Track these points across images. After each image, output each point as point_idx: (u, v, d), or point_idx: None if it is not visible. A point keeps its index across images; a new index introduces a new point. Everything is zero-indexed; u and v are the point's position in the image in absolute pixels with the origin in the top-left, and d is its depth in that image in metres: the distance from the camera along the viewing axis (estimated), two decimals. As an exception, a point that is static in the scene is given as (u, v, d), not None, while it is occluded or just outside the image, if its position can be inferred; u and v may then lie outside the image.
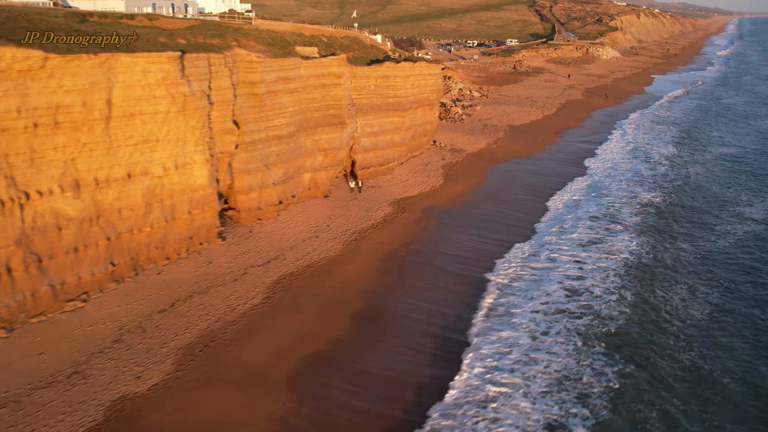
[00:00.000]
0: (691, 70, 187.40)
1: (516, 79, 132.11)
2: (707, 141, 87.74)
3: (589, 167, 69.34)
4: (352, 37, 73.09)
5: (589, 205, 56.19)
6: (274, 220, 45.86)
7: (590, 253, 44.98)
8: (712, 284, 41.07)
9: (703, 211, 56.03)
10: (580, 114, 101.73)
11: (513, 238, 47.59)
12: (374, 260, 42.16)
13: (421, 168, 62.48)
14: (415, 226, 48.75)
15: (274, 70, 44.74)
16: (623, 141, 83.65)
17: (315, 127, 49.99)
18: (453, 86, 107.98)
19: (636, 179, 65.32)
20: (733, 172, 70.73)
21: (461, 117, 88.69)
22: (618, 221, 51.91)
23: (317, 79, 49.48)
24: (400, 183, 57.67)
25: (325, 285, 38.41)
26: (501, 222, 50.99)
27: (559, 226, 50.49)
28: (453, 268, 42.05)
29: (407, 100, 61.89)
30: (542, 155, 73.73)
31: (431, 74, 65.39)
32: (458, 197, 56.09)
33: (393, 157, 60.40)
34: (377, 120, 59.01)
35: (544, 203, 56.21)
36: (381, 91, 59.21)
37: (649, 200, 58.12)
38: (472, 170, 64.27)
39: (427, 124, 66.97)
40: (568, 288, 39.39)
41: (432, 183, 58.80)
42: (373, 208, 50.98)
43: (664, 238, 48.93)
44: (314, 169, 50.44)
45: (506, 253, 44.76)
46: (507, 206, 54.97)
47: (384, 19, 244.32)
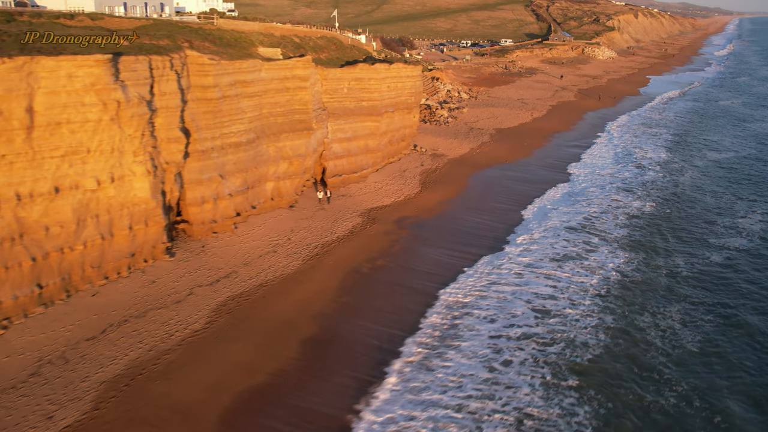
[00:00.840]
0: (689, 71, 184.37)
1: (508, 80, 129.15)
2: (701, 145, 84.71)
3: (574, 173, 66.25)
4: (329, 38, 70.15)
5: (569, 214, 52.95)
6: (231, 233, 42.88)
7: (566, 270, 41.79)
8: (704, 308, 37.66)
9: (695, 222, 52.82)
10: (571, 116, 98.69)
11: (485, 251, 44.64)
12: (334, 278, 39.16)
13: (397, 175, 59.46)
14: (385, 238, 45.75)
15: (230, 73, 41.75)
16: (613, 145, 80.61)
17: (279, 133, 47.00)
18: (441, 88, 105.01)
19: (624, 186, 62.27)
20: (727, 178, 67.66)
21: (446, 120, 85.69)
22: (600, 233, 48.79)
23: (280, 82, 46.49)
24: (374, 191, 54.66)
25: (277, 306, 35.41)
26: (477, 234, 47.95)
27: (533, 237, 47.36)
28: (419, 286, 39.05)
29: (383, 103, 58.88)
30: (528, 161, 70.70)
31: (409, 76, 62.39)
32: (434, 206, 53.06)
33: (367, 164, 57.40)
34: (350, 125, 56.01)
35: (521, 212, 53.19)
36: (354, 94, 56.21)
37: (638, 210, 54.97)
38: (452, 177, 61.24)
39: (406, 129, 63.97)
40: (538, 309, 36.25)
41: (407, 191, 55.79)
42: (340, 219, 47.98)
43: (652, 253, 45.62)
44: (278, 178, 47.44)
45: (470, 267, 41.76)
46: (486, 216, 51.92)
47: (378, 18, 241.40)
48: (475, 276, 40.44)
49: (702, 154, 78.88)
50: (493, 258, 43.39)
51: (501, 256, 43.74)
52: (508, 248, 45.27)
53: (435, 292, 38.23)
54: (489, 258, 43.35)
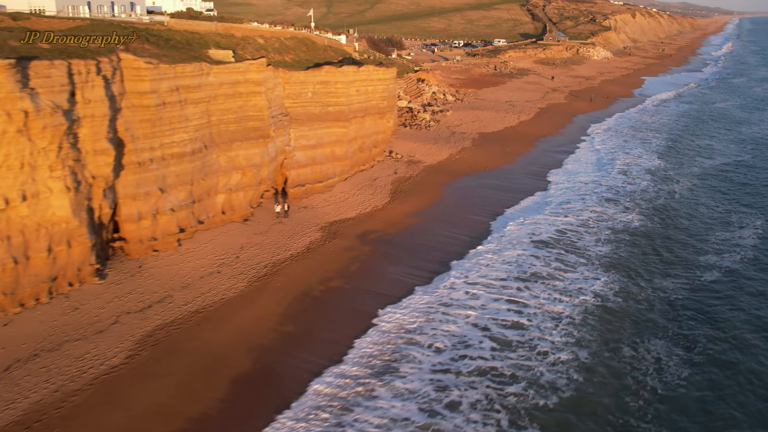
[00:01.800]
0: (685, 72, 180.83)
1: (498, 82, 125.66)
2: (694, 151, 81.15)
3: (553, 181, 62.71)
4: (300, 38, 66.82)
5: (542, 227, 49.21)
6: (173, 251, 39.50)
7: (535, 292, 38.21)
8: (693, 339, 34.13)
9: (686, 238, 49.07)
10: (560, 120, 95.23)
11: (443, 268, 41.41)
12: (281, 302, 35.77)
13: (367, 184, 56.05)
14: (344, 256, 42.37)
15: (171, 78, 38.35)
16: (600, 151, 77.04)
17: (230, 141, 43.62)
18: (426, 90, 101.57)
19: (609, 196, 58.67)
20: (721, 187, 64.01)
21: (428, 124, 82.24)
22: (577, 250, 45.24)
23: (231, 87, 43.10)
24: (339, 202, 51.26)
25: (211, 336, 32.04)
26: (444, 249, 44.55)
27: (498, 252, 43.75)
28: (370, 309, 35.69)
29: (351, 108, 55.48)
30: (510, 168, 67.24)
31: (381, 79, 58.98)
32: (403, 219, 49.67)
33: (333, 173, 54.00)
34: (315, 131, 52.63)
35: (490, 224, 49.82)
36: (320, 98, 52.83)
37: (623, 224, 51.21)
38: (426, 186, 57.84)
39: (378, 135, 60.57)
40: (498, 338, 32.69)
41: (375, 202, 52.38)
42: (298, 234, 44.59)
43: (637, 274, 41.75)
44: (229, 190, 44.06)
45: (423, 287, 38.32)
46: (457, 230, 48.49)
47: (371, 18, 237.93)
48: (427, 297, 36.97)
49: (695, 161, 75.35)
50: (448, 276, 39.89)
51: (458, 274, 40.21)
52: (467, 265, 41.75)
53: (382, 315, 34.89)
54: (445, 276, 39.86)
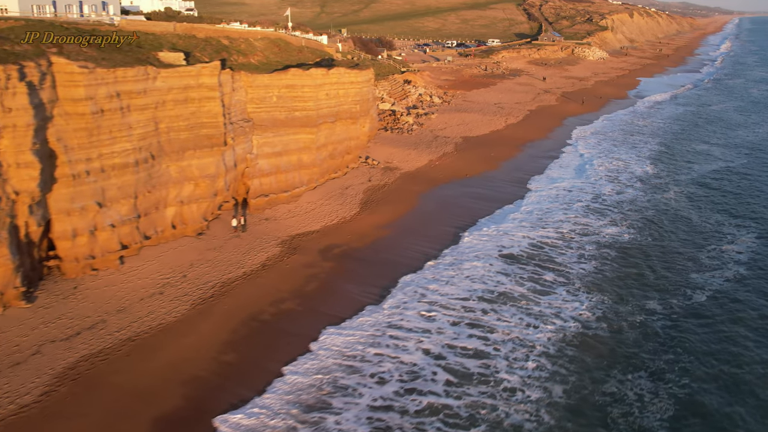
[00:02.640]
0: (682, 72, 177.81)
1: (488, 83, 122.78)
2: (690, 156, 77.93)
3: (535, 189, 59.74)
4: (273, 39, 63.94)
5: (515, 240, 46.09)
6: (115, 269, 36.62)
7: (504, 316, 35.17)
8: (681, 370, 31.16)
9: (677, 253, 45.91)
10: (549, 122, 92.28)
11: (401, 285, 38.54)
12: (224, 328, 32.87)
13: (337, 193, 53.14)
14: (302, 273, 39.47)
15: (110, 83, 35.47)
16: (589, 156, 73.96)
17: (182, 150, 40.74)
18: (412, 92, 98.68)
19: (595, 207, 55.50)
20: (715, 196, 60.85)
21: (411, 127, 79.34)
22: (556, 268, 42.15)
23: (182, 92, 40.21)
24: (304, 213, 48.37)
25: (142, 368, 29.15)
26: (411, 264, 41.61)
27: (461, 268, 40.57)
28: (316, 334, 32.74)
29: (320, 113, 52.60)
30: (492, 174, 64.27)
31: (354, 82, 56.06)
32: (371, 231, 46.76)
33: (301, 181, 51.12)
34: (280, 138, 49.76)
35: (462, 236, 46.91)
36: (285, 103, 49.96)
37: (610, 237, 47.79)
38: (400, 195, 54.92)
39: (351, 140, 57.65)
40: (455, 369, 29.69)
41: (344, 213, 49.48)
42: (255, 249, 41.70)
43: (623, 296, 38.59)
44: (181, 203, 41.17)
45: (376, 305, 35.49)
46: (427, 243, 45.56)
47: (365, 18, 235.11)
48: (376, 317, 34.03)
49: (689, 167, 72.10)
50: (401, 294, 36.90)
51: (413, 292, 37.20)
52: (425, 281, 38.71)
53: (322, 338, 32.14)
54: (398, 294, 36.91)
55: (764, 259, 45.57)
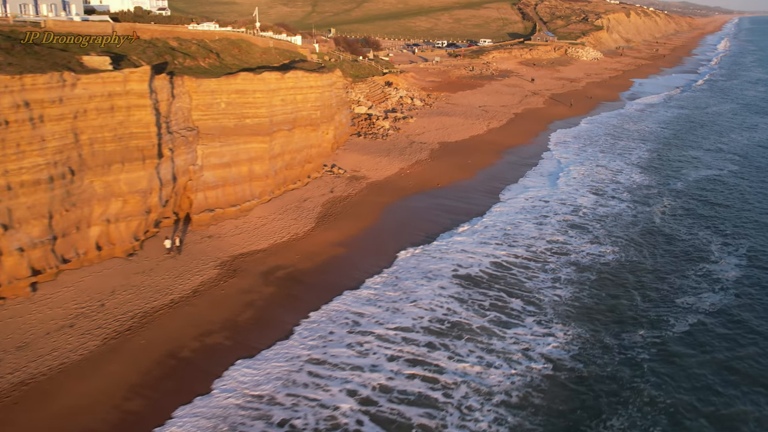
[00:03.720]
0: (678, 73, 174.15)
1: (475, 84, 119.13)
2: (681, 162, 73.89)
3: (508, 199, 55.90)
4: (233, 40, 60.21)
5: (479, 260, 42.02)
6: (25, 297, 32.92)
7: (458, 352, 31.13)
8: (663, 414, 27.58)
9: (662, 274, 41.91)
10: (534, 126, 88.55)
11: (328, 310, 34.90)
12: (136, 368, 29.13)
13: (293, 206, 49.40)
14: (237, 300, 35.73)
15: (16, 91, 31.74)
16: (573, 164, 70.05)
17: (108, 164, 36.99)
18: (392, 94, 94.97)
19: (574, 221, 51.07)
20: (705, 208, 56.66)
21: (387, 132, 75.63)
22: (525, 294, 37.92)
23: (107, 100, 36.46)
24: (252, 230, 44.64)
25: (29, 420, 25.43)
26: (351, 288, 37.88)
27: (408, 292, 36.68)
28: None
29: (275, 119, 48.91)
30: (467, 184, 60.46)
31: (313, 87, 52.31)
32: (324, 249, 43.02)
33: (252, 194, 47.40)
34: (229, 147, 46.05)
35: (398, 254, 43.17)
36: (235, 109, 46.26)
37: (593, 258, 43.40)
38: (363, 207, 51.20)
39: (312, 149, 53.92)
40: (389, 420, 25.64)
41: (297, 229, 45.73)
42: (189, 272, 37.98)
43: (604, 326, 34.59)
44: (107, 221, 37.44)
45: (290, 337, 31.72)
46: (382, 262, 41.80)
47: (356, 17, 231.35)
48: (295, 350, 30.28)
49: (679, 176, 67.90)
50: (328, 322, 33.10)
51: (345, 320, 33.36)
52: (361, 307, 34.71)
53: (227, 374, 28.57)
54: (325, 322, 33.10)
55: (749, 281, 41.85)
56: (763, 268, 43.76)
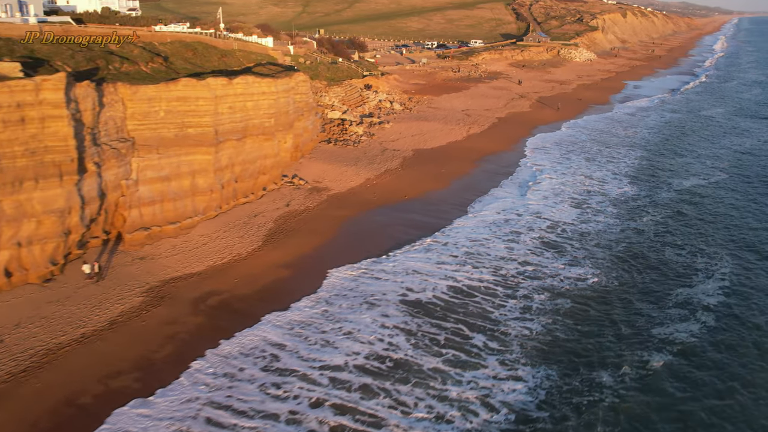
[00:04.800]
0: (673, 74, 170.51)
1: (461, 87, 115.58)
2: (671, 171, 69.95)
3: (477, 212, 52.13)
4: (189, 42, 56.73)
5: (434, 283, 38.21)
6: None
7: (400, 400, 27.21)
8: None
9: (645, 301, 37.93)
10: (517, 132, 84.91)
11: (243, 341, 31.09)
12: (23, 420, 25.50)
13: (241, 222, 45.79)
14: (158, 334, 32.09)
15: None
16: (555, 173, 66.18)
17: (17, 181, 33.40)
18: (371, 98, 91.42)
19: (554, 239, 46.81)
20: (692, 222, 52.89)
21: (359, 139, 72.03)
22: (489, 327, 33.71)
23: (15, 111, 32.86)
24: (192, 250, 41.03)
25: None
26: (274, 321, 34.25)
27: (342, 321, 32.83)
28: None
29: (222, 129, 45.35)
30: (437, 195, 56.73)
31: (267, 93, 48.71)
32: (268, 272, 39.38)
33: (195, 210, 43.81)
34: (169, 159, 42.47)
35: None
36: (175, 118, 42.71)
37: (570, 282, 39.29)
38: (319, 223, 47.60)
39: (266, 159, 50.30)
40: None
41: (241, 248, 42.11)
42: (110, 300, 34.36)
43: (578, 365, 30.68)
44: (18, 245, 33.82)
45: (189, 378, 27.81)
46: (317, 285, 38.21)
47: (347, 18, 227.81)
48: (194, 392, 26.53)
49: (668, 184, 64.00)
50: (240, 356, 29.37)
51: (263, 351, 29.62)
52: (282, 338, 30.96)
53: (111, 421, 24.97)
54: (236, 356, 29.42)
55: (733, 304, 38.27)
56: (742, 294, 40.12)
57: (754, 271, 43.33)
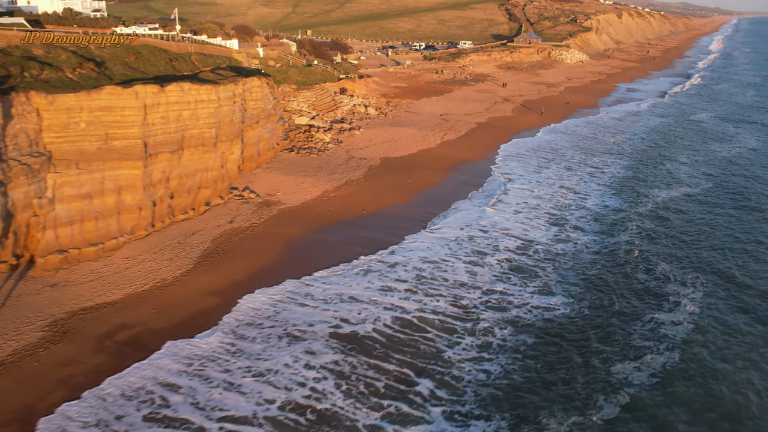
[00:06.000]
0: (666, 76, 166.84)
1: (443, 90, 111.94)
2: (654, 180, 66.31)
3: (438, 230, 48.43)
4: (132, 45, 53.06)
5: (376, 312, 34.17)
6: None
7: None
8: None
9: (612, 334, 34.33)
10: (495, 138, 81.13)
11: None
12: None
13: (175, 242, 42.13)
14: (51, 377, 28.46)
15: None
16: (531, 184, 62.40)
17: None
18: (345, 102, 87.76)
19: (524, 263, 42.48)
20: (669, 234, 49.83)
21: (326, 146, 68.40)
22: (438, 369, 29.52)
23: None
24: (112, 275, 37.36)
25: None
26: (180, 355, 30.60)
27: (254, 359, 28.85)
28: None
29: (155, 140, 41.74)
30: (399, 209, 52.95)
31: (206, 101, 45.04)
32: (194, 300, 35.70)
33: (121, 230, 40.16)
34: (90, 174, 38.83)
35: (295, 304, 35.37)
36: (98, 130, 39.07)
37: (536, 314, 35.30)
38: (262, 242, 43.94)
39: (209, 172, 46.66)
40: None
41: (168, 272, 38.42)
42: (4, 336, 30.69)
43: (531, 416, 27.08)
44: None
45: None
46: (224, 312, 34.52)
47: (336, 18, 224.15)
48: None
49: (651, 196, 60.19)
50: (128, 405, 25.61)
51: (152, 401, 25.73)
52: (177, 377, 27.32)
53: None
54: (123, 405, 25.60)
55: (701, 334, 34.66)
56: (715, 319, 36.51)
57: (723, 302, 39.70)
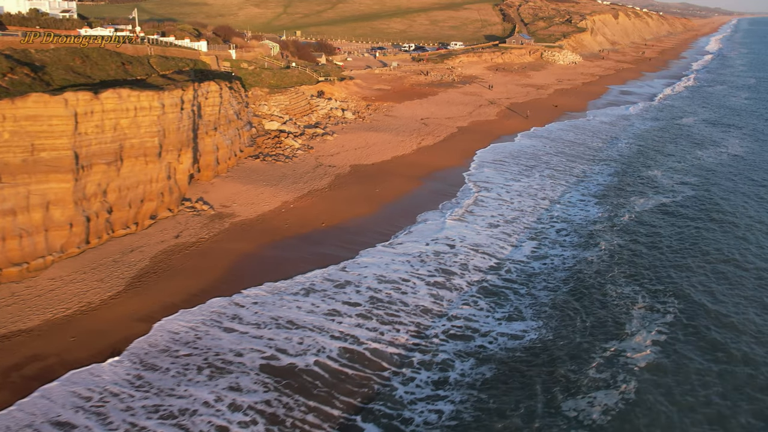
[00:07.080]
0: (661, 78, 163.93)
1: (428, 93, 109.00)
2: (634, 188, 63.40)
3: (401, 243, 45.49)
4: (81, 48, 50.16)
5: (319, 346, 30.98)
6: None
7: None
8: None
9: (572, 362, 31.43)
10: (475, 143, 78.19)
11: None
12: None
13: (110, 260, 39.17)
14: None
15: None
16: (509, 194, 59.34)
17: None
18: (321, 106, 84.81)
19: (495, 283, 39.11)
20: (646, 245, 47.11)
21: (294, 153, 65.47)
22: (384, 412, 26.56)
23: None
24: (32, 298, 34.38)
25: None
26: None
27: (164, 398, 25.76)
28: None
29: (88, 151, 38.79)
30: (362, 222, 49.92)
31: (146, 108, 42.02)
32: (120, 327, 32.72)
33: (49, 248, 37.21)
34: (13, 189, 35.91)
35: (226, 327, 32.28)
36: (23, 140, 36.14)
37: (500, 344, 32.17)
38: (209, 259, 40.98)
39: (153, 183, 43.71)
40: None
41: (95, 295, 35.41)
42: None
43: None
44: None
45: None
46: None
47: (327, 19, 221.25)
48: None
49: (631, 205, 57.17)
50: None
51: None
52: (82, 419, 24.60)
53: None
54: None
55: (662, 365, 31.71)
56: (675, 355, 33.57)
57: (691, 330, 36.77)
